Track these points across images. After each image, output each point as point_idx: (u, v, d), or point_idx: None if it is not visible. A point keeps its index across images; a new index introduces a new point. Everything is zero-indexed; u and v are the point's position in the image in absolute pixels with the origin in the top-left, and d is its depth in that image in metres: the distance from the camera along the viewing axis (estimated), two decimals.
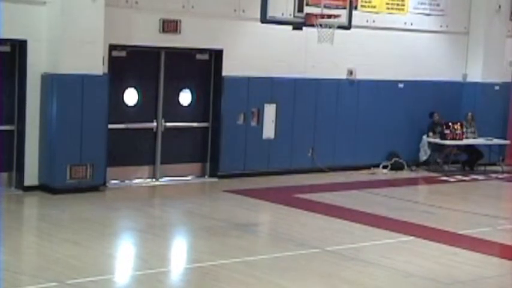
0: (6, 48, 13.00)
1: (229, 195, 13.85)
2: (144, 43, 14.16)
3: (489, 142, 18.00)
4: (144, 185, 14.41)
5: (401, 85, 17.52)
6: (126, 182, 14.29)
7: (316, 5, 13.06)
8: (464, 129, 17.62)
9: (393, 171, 17.12)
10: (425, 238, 11.28)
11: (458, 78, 18.59)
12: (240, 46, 15.19)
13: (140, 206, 12.74)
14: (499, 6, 18.42)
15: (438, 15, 17.96)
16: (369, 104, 16.99)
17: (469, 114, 17.92)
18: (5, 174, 13.13)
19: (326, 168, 16.29)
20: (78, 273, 8.83)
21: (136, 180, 14.46)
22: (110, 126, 13.70)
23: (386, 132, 17.24)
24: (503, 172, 17.88)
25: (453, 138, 17.46)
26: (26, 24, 12.85)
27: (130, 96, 14.39)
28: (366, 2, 16.68)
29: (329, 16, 12.73)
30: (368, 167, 17.00)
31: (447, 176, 17.03)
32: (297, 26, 12.76)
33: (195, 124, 15.17)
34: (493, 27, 18.45)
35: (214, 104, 15.19)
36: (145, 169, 14.66)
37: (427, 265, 9.94)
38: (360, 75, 16.79)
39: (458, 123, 17.60)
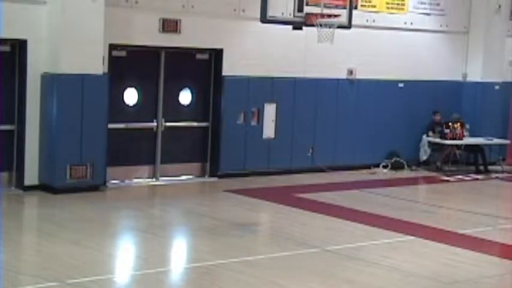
0: (6, 48, 13.00)
1: (229, 195, 13.84)
2: (144, 43, 14.16)
3: (489, 142, 17.98)
4: (144, 184, 14.40)
5: (401, 85, 17.51)
6: (126, 181, 14.28)
7: (316, 5, 13.03)
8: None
9: (393, 171, 17.12)
10: (425, 238, 11.28)
11: (458, 77, 18.58)
12: (240, 46, 15.19)
13: (140, 206, 12.73)
14: (499, 6, 18.41)
15: (438, 14, 17.96)
16: (369, 104, 16.98)
17: (452, 116, 17.76)
18: (5, 174, 13.13)
19: (326, 168, 16.29)
20: (78, 273, 8.83)
21: (136, 180, 14.45)
22: (110, 126, 13.71)
23: (386, 132, 17.24)
24: (503, 172, 17.87)
25: (453, 138, 17.46)
26: (26, 24, 12.84)
27: (130, 96, 14.39)
28: (366, 1, 16.67)
29: (329, 16, 12.70)
30: (368, 167, 17.00)
31: (447, 175, 17.03)
32: (297, 26, 12.73)
33: (195, 124, 15.17)
34: (493, 27, 18.44)
35: (214, 103, 15.19)
36: (145, 169, 14.65)
37: (427, 265, 9.94)
38: (360, 75, 16.79)
39: (458, 123, 17.59)
